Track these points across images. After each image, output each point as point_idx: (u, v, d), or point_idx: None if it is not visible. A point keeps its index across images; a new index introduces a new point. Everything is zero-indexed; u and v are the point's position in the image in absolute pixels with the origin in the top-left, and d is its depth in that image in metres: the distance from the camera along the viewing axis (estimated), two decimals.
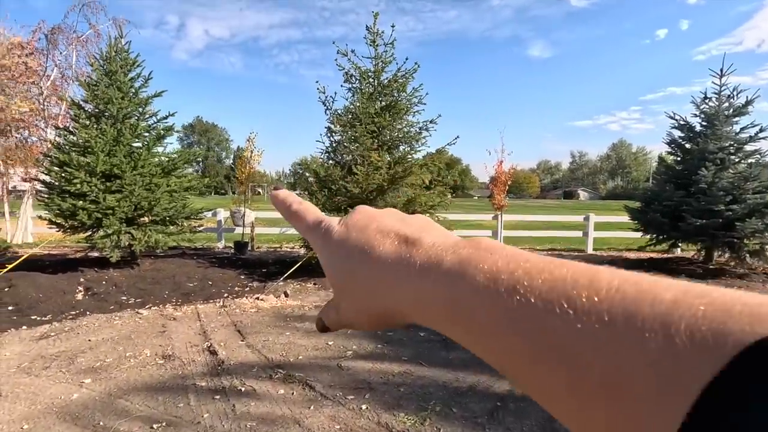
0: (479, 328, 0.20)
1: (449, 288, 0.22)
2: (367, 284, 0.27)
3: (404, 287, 0.25)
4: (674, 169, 8.20)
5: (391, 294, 0.26)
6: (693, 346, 0.14)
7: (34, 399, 2.81)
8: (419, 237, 0.26)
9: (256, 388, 2.96)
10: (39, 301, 5.00)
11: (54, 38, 9.34)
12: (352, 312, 0.29)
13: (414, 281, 0.24)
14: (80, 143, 6.38)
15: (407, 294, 0.24)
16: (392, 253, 0.26)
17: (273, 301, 5.40)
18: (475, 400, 2.81)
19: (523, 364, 0.19)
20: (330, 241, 0.30)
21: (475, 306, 0.20)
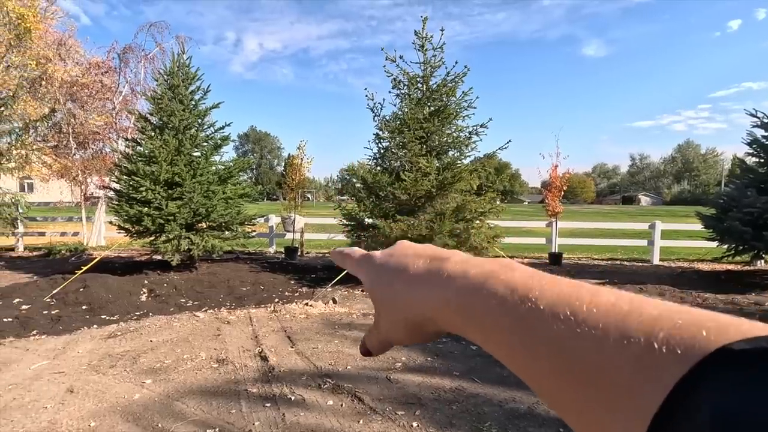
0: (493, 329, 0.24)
1: (472, 295, 0.26)
2: (401, 296, 0.31)
3: (433, 295, 0.28)
4: (756, 172, 7.39)
5: (422, 303, 0.29)
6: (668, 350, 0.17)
7: (101, 397, 2.97)
8: (449, 256, 0.30)
9: (305, 398, 2.95)
10: (108, 302, 5.36)
11: (125, 57, 10.17)
12: (389, 325, 0.33)
13: (441, 290, 0.28)
14: (146, 153, 6.82)
15: (435, 301, 0.28)
16: (423, 268, 0.30)
17: (321, 308, 5.43)
18: (534, 424, 2.61)
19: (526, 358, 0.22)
20: (373, 266, 0.35)
21: (491, 310, 0.24)
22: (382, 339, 0.35)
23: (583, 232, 13.50)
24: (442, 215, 6.48)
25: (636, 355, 0.18)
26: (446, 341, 4.13)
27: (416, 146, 7.00)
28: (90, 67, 9.69)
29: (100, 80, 9.79)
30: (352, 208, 7.42)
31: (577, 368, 0.20)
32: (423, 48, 7.32)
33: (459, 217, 6.76)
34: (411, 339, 0.32)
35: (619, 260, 9.85)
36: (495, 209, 7.18)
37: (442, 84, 7.28)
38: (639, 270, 8.50)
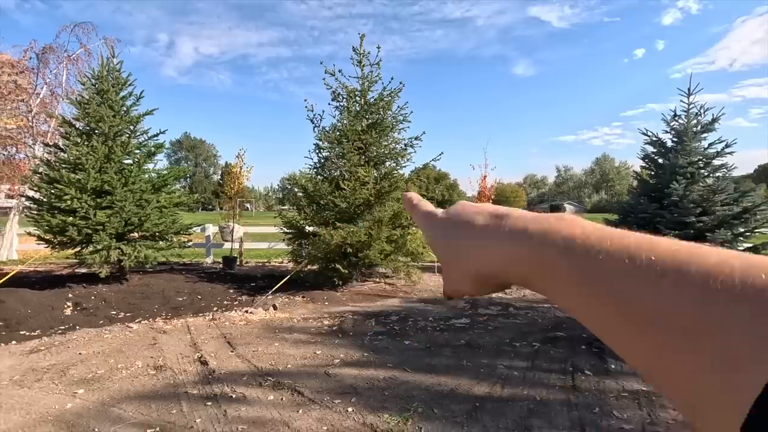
0: (556, 278, 0.26)
1: (533, 248, 0.27)
2: (465, 251, 0.33)
3: (496, 249, 0.30)
4: (648, 183, 8.58)
5: (485, 256, 0.31)
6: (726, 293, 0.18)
7: (29, 409, 2.89)
8: (508, 212, 0.31)
9: (246, 395, 3.08)
10: (27, 317, 5.03)
11: (45, 57, 9.47)
12: (455, 277, 0.35)
13: (504, 244, 0.29)
14: (71, 160, 6.47)
15: (498, 255, 0.30)
16: (485, 223, 0.32)
17: (262, 314, 5.50)
18: (455, 401, 2.97)
19: (590, 304, 0.24)
20: (436, 222, 0.38)
21: (553, 261, 0.26)
22: (452, 288, 0.36)
23: None
24: (379, 222, 6.82)
25: (696, 299, 0.19)
26: (382, 338, 4.43)
27: (355, 156, 7.31)
28: (2, 66, 8.92)
29: (14, 80, 9.03)
30: (293, 216, 7.54)
31: (639, 312, 0.21)
32: (361, 63, 7.69)
33: (396, 224, 7.14)
34: (477, 289, 0.34)
35: None
36: None
37: (379, 98, 7.68)
38: None
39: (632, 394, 3.05)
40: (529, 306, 5.88)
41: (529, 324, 4.98)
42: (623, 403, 2.92)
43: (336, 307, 5.83)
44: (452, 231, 0.35)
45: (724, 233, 7.18)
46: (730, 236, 7.21)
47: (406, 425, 2.64)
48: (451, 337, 4.44)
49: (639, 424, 2.63)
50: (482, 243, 0.31)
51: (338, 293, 6.68)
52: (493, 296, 6.57)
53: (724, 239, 7.22)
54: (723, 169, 7.93)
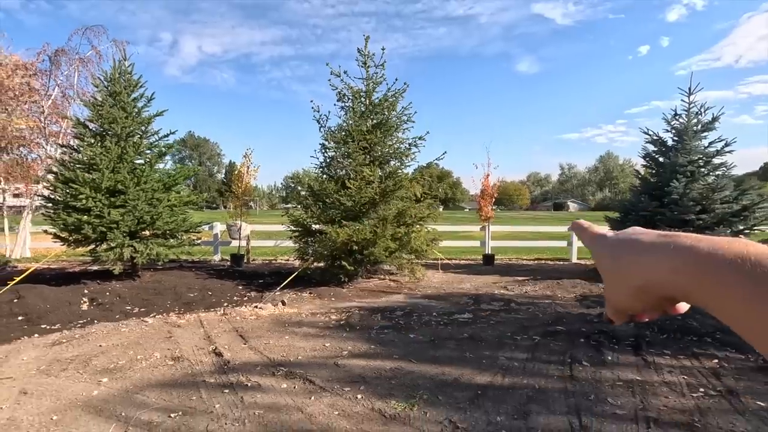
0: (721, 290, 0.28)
1: (700, 261, 0.30)
2: (631, 264, 0.36)
3: (661, 263, 0.32)
4: (649, 182, 8.70)
5: (649, 268, 0.33)
6: None
7: (58, 395, 3.08)
8: (677, 233, 0.34)
9: (261, 383, 3.26)
10: (47, 312, 5.24)
11: (57, 59, 9.69)
12: (618, 291, 0.37)
13: (669, 258, 0.32)
14: (85, 161, 6.67)
15: (663, 268, 0.32)
16: (653, 240, 0.35)
17: (271, 309, 5.68)
18: (459, 389, 3.13)
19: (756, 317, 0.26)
20: (605, 241, 0.40)
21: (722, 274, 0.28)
22: (614, 307, 0.39)
23: (513, 236, 14.71)
24: (384, 220, 6.98)
25: None
26: (388, 332, 4.61)
27: (360, 156, 7.48)
28: (16, 68, 9.13)
29: (27, 82, 9.25)
30: (299, 214, 7.72)
31: None
32: (366, 65, 7.85)
33: (400, 222, 7.30)
34: (639, 304, 0.36)
35: (544, 260, 10.95)
36: (433, 215, 7.83)
37: (384, 99, 7.84)
38: (559, 268, 9.57)
39: (627, 383, 3.21)
40: (530, 302, 6.04)
41: (530, 319, 5.14)
42: (618, 391, 3.08)
43: (342, 303, 6.01)
44: (620, 247, 0.38)
45: (723, 231, 7.30)
46: (729, 234, 7.32)
47: (413, 410, 2.81)
48: (455, 331, 4.61)
49: (632, 409, 2.79)
50: (648, 257, 0.34)
51: (344, 289, 6.86)
52: (495, 292, 6.73)
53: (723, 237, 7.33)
54: (723, 167, 8.04)
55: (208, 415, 2.77)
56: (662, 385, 3.17)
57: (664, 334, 4.40)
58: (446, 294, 6.64)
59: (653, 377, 3.31)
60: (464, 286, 7.33)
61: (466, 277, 8.25)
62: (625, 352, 3.91)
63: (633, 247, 0.36)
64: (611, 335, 4.36)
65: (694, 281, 0.30)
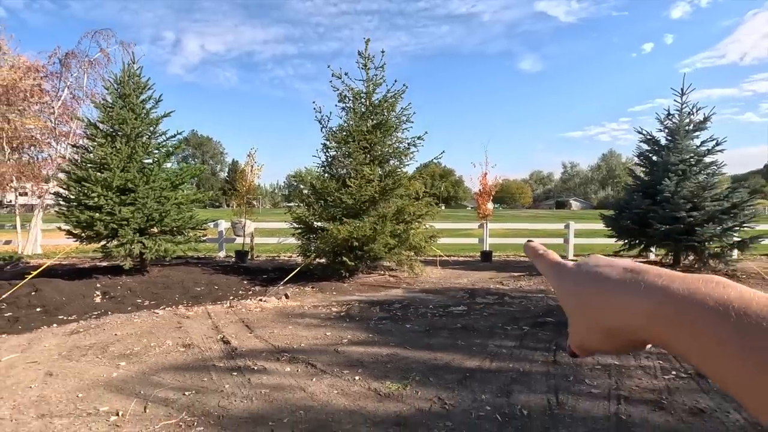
0: (708, 341, 0.25)
1: (678, 307, 0.27)
2: (597, 304, 0.33)
3: (632, 305, 0.30)
4: (642, 180, 8.92)
5: (619, 311, 0.31)
6: None
7: (81, 377, 3.36)
8: (647, 269, 0.32)
9: (266, 367, 3.53)
10: (64, 304, 5.53)
11: (67, 62, 9.98)
12: (584, 331, 0.35)
13: (641, 300, 0.29)
14: (96, 160, 6.96)
15: (634, 311, 0.30)
16: (620, 278, 0.32)
17: (275, 302, 5.96)
18: (449, 372, 3.39)
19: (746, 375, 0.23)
20: (566, 274, 0.37)
21: (698, 322, 0.26)
22: (579, 346, 0.37)
23: (512, 233, 14.94)
24: (384, 218, 7.24)
25: None
26: (385, 322, 4.87)
27: (361, 155, 7.73)
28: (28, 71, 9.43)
29: (39, 84, 9.55)
30: (302, 212, 7.99)
31: None
32: (366, 67, 8.10)
33: (399, 219, 7.56)
34: (607, 346, 0.34)
35: None
36: (431, 212, 8.08)
37: (384, 100, 8.09)
38: None
39: (605, 367, 3.46)
40: (523, 296, 6.29)
41: (522, 311, 5.39)
42: (595, 373, 3.33)
43: (343, 297, 6.27)
44: (584, 283, 0.35)
45: (713, 228, 7.53)
46: (718, 231, 7.55)
47: (406, 390, 3.07)
48: (449, 322, 4.87)
49: (606, 389, 3.04)
50: (617, 297, 0.31)
51: (345, 284, 7.13)
52: (491, 287, 6.98)
53: (713, 234, 7.56)
54: (713, 166, 8.26)
55: (219, 394, 3.04)
56: (638, 368, 3.42)
57: None
58: (443, 288, 6.90)
59: (630, 362, 3.56)
60: (461, 281, 7.58)
61: (464, 273, 8.50)
62: None
63: (600, 286, 0.33)
64: None
65: (670, 330, 0.28)
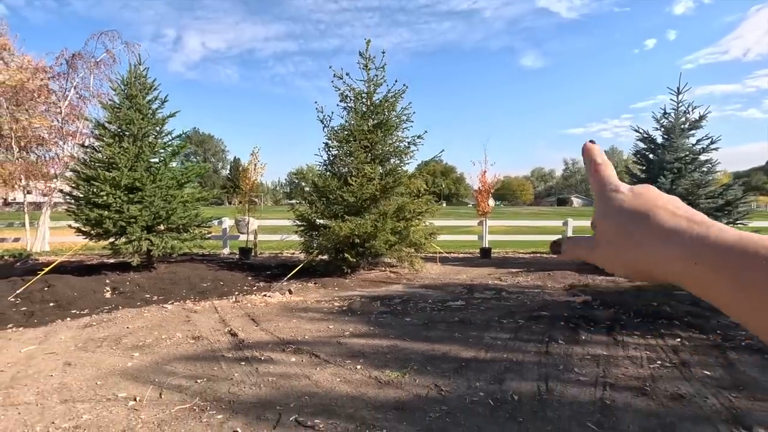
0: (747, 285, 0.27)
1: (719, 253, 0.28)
2: (639, 248, 0.33)
3: (675, 252, 0.30)
4: (639, 177, 9.07)
5: (661, 258, 0.31)
6: None
7: (98, 366, 3.55)
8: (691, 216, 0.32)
9: (272, 357, 3.72)
10: (76, 299, 5.73)
11: (74, 63, 10.16)
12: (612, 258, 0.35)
13: (686, 248, 0.30)
14: (105, 160, 7.15)
15: (677, 258, 0.30)
16: (670, 221, 0.32)
17: (279, 298, 6.15)
18: (446, 362, 3.58)
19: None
20: (617, 200, 0.36)
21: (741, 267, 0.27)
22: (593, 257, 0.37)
23: (511, 230, 15.10)
24: (384, 215, 7.42)
25: None
26: (386, 316, 5.05)
27: (362, 154, 7.90)
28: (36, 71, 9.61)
29: (46, 85, 9.73)
30: (305, 210, 8.17)
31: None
32: (367, 67, 8.26)
33: (400, 217, 7.74)
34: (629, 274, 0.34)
35: (540, 253, 11.35)
36: (431, 209, 8.26)
37: (384, 100, 8.25)
38: (553, 260, 9.95)
39: (594, 357, 3.64)
40: (520, 291, 6.46)
41: (519, 306, 5.57)
42: (584, 363, 3.51)
43: (345, 292, 6.46)
44: (634, 217, 0.34)
45: None
46: None
47: (404, 378, 3.25)
48: (447, 316, 5.05)
49: (593, 377, 3.22)
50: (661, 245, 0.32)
51: (347, 280, 7.32)
52: (489, 283, 7.16)
53: None
54: (708, 164, 8.40)
55: (229, 381, 3.23)
56: (625, 359, 3.60)
57: (639, 318, 4.82)
58: (442, 284, 7.08)
59: (619, 352, 3.74)
60: (460, 277, 7.76)
61: (463, 269, 8.68)
62: (599, 332, 4.33)
63: (647, 226, 0.33)
64: (590, 319, 4.79)
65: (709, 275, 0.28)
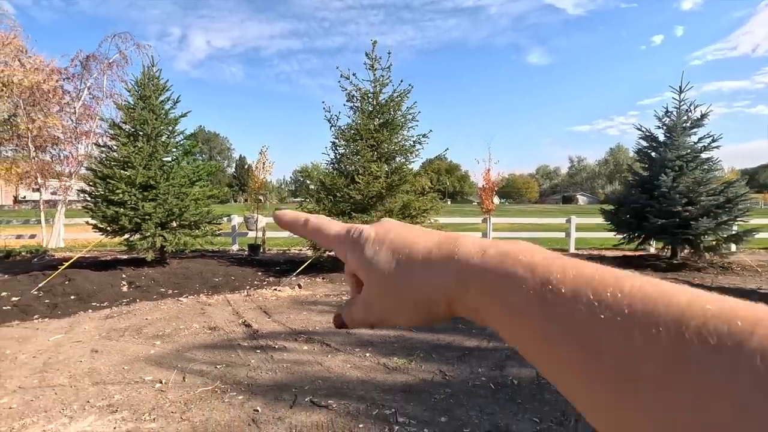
0: (512, 309, 0.23)
1: (488, 274, 0.25)
2: (407, 278, 0.30)
3: (446, 274, 0.28)
4: (641, 175, 9.20)
5: (433, 281, 0.28)
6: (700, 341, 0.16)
7: (123, 353, 3.79)
8: (458, 236, 0.30)
9: (286, 346, 3.94)
10: (95, 292, 5.98)
11: (88, 64, 10.43)
12: (389, 306, 0.32)
13: (455, 269, 0.27)
14: (120, 159, 7.40)
15: (448, 280, 0.28)
16: (435, 247, 0.29)
17: (289, 292, 6.37)
18: (450, 350, 3.78)
19: (545, 344, 0.21)
20: (366, 244, 0.33)
21: (511, 289, 0.24)
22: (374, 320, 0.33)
23: (515, 227, 15.25)
24: (390, 212, 7.61)
25: (665, 347, 0.17)
26: None
27: (368, 153, 8.10)
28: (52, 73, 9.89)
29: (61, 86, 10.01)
30: (312, 207, 8.38)
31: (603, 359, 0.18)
32: (373, 68, 8.44)
33: (405, 214, 7.93)
34: (415, 320, 0.31)
35: None
36: (435, 207, 8.45)
37: (390, 99, 8.43)
38: None
39: None
40: None
41: None
42: None
43: None
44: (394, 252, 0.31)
45: (707, 222, 7.82)
46: (712, 224, 7.84)
47: (411, 364, 3.46)
48: None
49: None
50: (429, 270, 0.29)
51: None
52: None
53: (707, 227, 7.86)
54: (709, 162, 8.52)
55: (246, 367, 3.45)
56: None
57: None
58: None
59: None
60: None
61: None
62: None
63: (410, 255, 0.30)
64: None
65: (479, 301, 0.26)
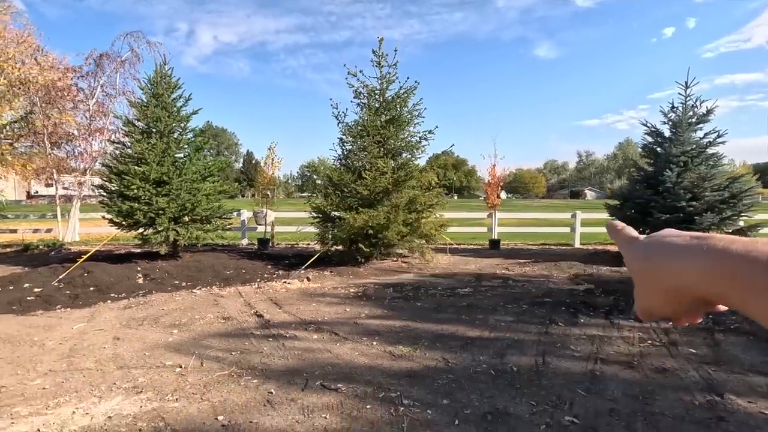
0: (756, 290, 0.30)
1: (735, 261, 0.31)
2: (660, 267, 0.37)
3: (693, 264, 0.34)
4: (646, 171, 9.24)
5: (680, 271, 0.35)
6: None
7: (143, 341, 4.01)
8: (708, 235, 0.36)
9: (296, 335, 4.13)
10: (113, 284, 6.23)
11: (101, 63, 10.68)
12: (648, 292, 0.39)
13: (702, 258, 0.34)
14: (134, 155, 7.62)
15: (695, 269, 0.34)
16: (685, 242, 0.36)
17: (298, 284, 6.57)
18: (453, 340, 3.94)
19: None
20: (638, 244, 0.43)
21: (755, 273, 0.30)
22: (643, 308, 0.40)
23: (520, 222, 15.34)
24: (397, 207, 7.77)
25: None
26: (398, 301, 5.43)
27: (375, 149, 8.25)
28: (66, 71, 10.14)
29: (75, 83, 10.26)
30: (320, 202, 8.57)
31: None
32: (380, 65, 8.57)
33: (411, 209, 8.08)
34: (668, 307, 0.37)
35: (549, 245, 11.60)
36: (441, 202, 8.59)
37: (396, 96, 8.57)
38: (561, 252, 10.22)
39: (590, 337, 3.96)
40: (527, 280, 6.78)
41: (524, 293, 5.89)
42: (580, 342, 3.84)
43: (359, 280, 6.86)
44: (652, 250, 0.39)
45: (711, 217, 7.87)
46: (717, 220, 7.89)
47: (415, 352, 3.63)
48: (456, 301, 5.41)
49: (587, 353, 3.56)
50: (678, 259, 0.35)
51: (361, 269, 7.71)
52: (496, 272, 7.48)
53: (711, 222, 7.91)
54: (714, 158, 8.55)
55: (260, 354, 3.65)
56: (618, 339, 3.92)
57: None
58: (452, 273, 7.42)
59: (613, 333, 4.06)
60: (469, 267, 8.09)
61: (472, 259, 9.01)
62: (598, 316, 4.65)
63: (665, 250, 0.37)
64: (590, 305, 5.10)
65: (726, 283, 0.31)
